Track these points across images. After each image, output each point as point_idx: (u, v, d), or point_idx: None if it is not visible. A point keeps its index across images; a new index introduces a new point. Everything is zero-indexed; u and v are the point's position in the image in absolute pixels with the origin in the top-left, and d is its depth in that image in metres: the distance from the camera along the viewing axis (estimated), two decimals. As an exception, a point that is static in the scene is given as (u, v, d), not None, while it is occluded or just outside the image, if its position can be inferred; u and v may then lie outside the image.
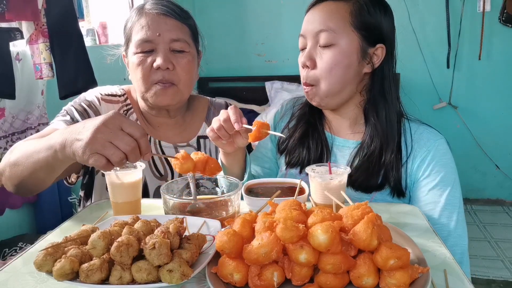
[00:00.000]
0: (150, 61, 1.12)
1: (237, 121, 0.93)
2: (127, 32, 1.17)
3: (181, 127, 1.29)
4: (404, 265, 0.61)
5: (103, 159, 0.76)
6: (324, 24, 1.02)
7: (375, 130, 1.07)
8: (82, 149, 0.76)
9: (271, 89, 3.50)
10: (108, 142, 0.76)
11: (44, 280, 0.70)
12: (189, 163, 0.87)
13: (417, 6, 3.33)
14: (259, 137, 0.94)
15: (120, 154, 0.76)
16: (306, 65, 1.05)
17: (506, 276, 2.39)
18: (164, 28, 1.12)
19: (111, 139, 0.76)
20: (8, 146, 1.91)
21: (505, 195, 3.51)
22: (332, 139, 1.15)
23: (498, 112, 3.37)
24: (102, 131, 0.76)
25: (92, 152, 0.76)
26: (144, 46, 1.12)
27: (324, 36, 1.02)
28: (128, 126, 0.78)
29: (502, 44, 3.26)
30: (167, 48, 1.12)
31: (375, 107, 1.08)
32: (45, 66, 1.84)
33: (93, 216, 0.98)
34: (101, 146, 0.76)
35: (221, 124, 0.95)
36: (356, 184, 1.06)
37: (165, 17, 1.13)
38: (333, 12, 1.03)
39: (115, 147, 0.76)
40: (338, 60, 1.02)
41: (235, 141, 0.99)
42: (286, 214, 0.66)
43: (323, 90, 1.05)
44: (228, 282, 0.64)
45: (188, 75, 1.16)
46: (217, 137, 0.97)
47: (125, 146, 0.76)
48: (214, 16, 3.66)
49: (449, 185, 1.04)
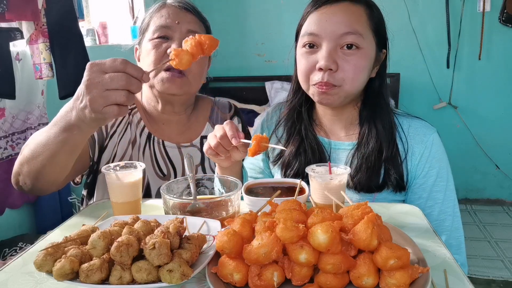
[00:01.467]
0: (164, 47, 1.13)
1: (234, 136, 0.91)
2: (145, 22, 1.20)
3: (185, 126, 1.28)
4: (404, 265, 0.61)
5: (113, 107, 0.76)
6: (351, 27, 0.98)
7: (374, 130, 1.07)
8: (92, 112, 0.77)
9: (271, 89, 3.51)
10: (105, 91, 0.75)
11: (44, 280, 0.70)
12: (186, 55, 0.82)
13: (417, 6, 3.33)
14: (258, 152, 0.92)
15: (122, 92, 0.76)
16: (330, 69, 1.00)
17: (506, 276, 2.39)
18: (183, 19, 1.15)
19: (105, 86, 0.75)
20: (8, 146, 1.91)
21: (505, 195, 3.51)
22: (328, 143, 1.15)
23: (498, 112, 3.38)
24: (93, 87, 0.75)
25: (101, 109, 0.76)
26: (161, 31, 1.13)
27: (352, 39, 0.98)
28: (107, 66, 0.76)
29: (502, 44, 3.26)
30: (182, 38, 1.11)
31: (373, 108, 1.09)
32: (45, 66, 1.84)
33: (93, 216, 0.98)
34: (102, 99, 0.75)
35: (218, 141, 0.93)
36: (359, 186, 1.06)
37: (186, 11, 1.17)
38: (355, 14, 1.00)
39: (113, 90, 0.75)
40: (364, 64, 1.01)
41: (232, 156, 0.97)
42: (286, 214, 0.66)
43: (346, 92, 1.02)
44: (228, 282, 0.64)
45: (199, 68, 1.17)
46: (215, 154, 0.96)
47: (120, 82, 0.75)
48: (214, 16, 3.65)
49: (446, 180, 1.06)
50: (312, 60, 1.02)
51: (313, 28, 1.02)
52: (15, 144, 1.95)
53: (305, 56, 1.04)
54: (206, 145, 0.96)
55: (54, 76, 1.89)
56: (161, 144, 1.23)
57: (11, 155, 1.93)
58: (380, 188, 1.06)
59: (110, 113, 0.77)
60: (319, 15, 1.02)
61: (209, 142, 0.95)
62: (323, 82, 1.00)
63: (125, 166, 0.93)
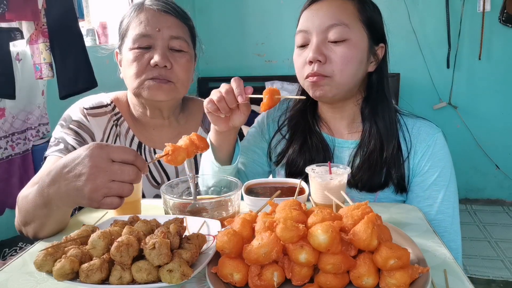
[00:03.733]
0: (147, 58, 1.07)
1: (241, 93, 0.88)
2: (123, 27, 1.13)
3: (176, 130, 1.24)
4: (404, 265, 0.61)
5: (115, 199, 0.70)
6: (335, 19, 0.99)
7: (375, 127, 1.07)
8: (88, 200, 0.70)
9: (271, 89, 3.51)
10: (111, 182, 0.69)
11: (44, 280, 0.70)
12: (182, 152, 0.82)
13: (417, 6, 3.33)
14: (272, 105, 0.91)
15: (129, 186, 0.71)
16: (318, 60, 0.99)
17: (506, 276, 2.39)
18: (164, 24, 1.08)
19: (112, 177, 0.69)
20: (8, 146, 1.91)
21: (505, 195, 3.51)
22: (332, 140, 1.14)
23: (498, 112, 3.37)
24: (98, 175, 0.69)
25: (100, 199, 0.70)
26: (142, 41, 1.07)
27: (337, 30, 0.99)
28: (117, 154, 0.70)
29: (502, 44, 3.26)
30: (165, 46, 1.09)
31: (374, 106, 1.08)
32: (45, 66, 1.84)
33: (93, 216, 0.98)
34: (106, 189, 0.69)
35: (223, 95, 0.89)
36: (360, 184, 1.06)
37: (166, 14, 1.10)
38: (342, 7, 1.01)
39: (119, 182, 0.70)
40: (352, 54, 1.00)
41: (232, 118, 0.94)
42: (286, 214, 0.66)
43: (337, 82, 1.01)
44: (228, 282, 0.64)
45: (187, 75, 1.13)
46: (216, 109, 0.91)
47: (129, 176, 0.70)
48: (214, 16, 3.66)
49: (447, 181, 1.04)
50: (304, 56, 1.03)
51: (303, 25, 1.04)
52: (15, 144, 1.94)
53: (298, 54, 1.06)
54: (207, 100, 0.93)
55: (54, 76, 1.89)
56: (152, 153, 1.20)
57: (11, 155, 1.93)
58: (382, 186, 1.06)
59: (108, 205, 0.70)
60: (308, 12, 1.04)
61: (211, 96, 0.92)
62: (313, 72, 1.01)
63: None
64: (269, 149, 1.21)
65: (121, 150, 0.71)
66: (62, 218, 0.87)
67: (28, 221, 0.86)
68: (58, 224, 0.87)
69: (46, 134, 2.10)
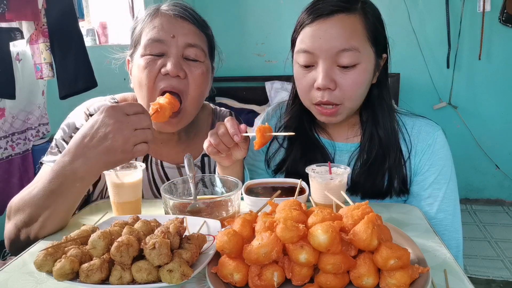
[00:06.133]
0: (158, 65, 1.00)
1: (236, 133, 0.91)
2: (136, 33, 1.06)
3: (184, 144, 1.19)
4: (404, 265, 0.61)
5: (143, 145, 0.80)
6: (346, 43, 0.93)
7: (376, 136, 1.05)
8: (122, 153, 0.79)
9: (271, 89, 3.50)
10: (135, 130, 0.79)
11: (44, 280, 0.70)
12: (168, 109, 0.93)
13: (417, 6, 3.33)
14: (264, 143, 0.92)
15: (150, 131, 0.81)
16: (328, 88, 0.96)
17: (506, 276, 2.39)
18: (180, 31, 1.01)
19: (134, 126, 0.79)
20: (8, 146, 1.91)
21: (505, 195, 3.51)
22: (332, 145, 1.12)
23: (498, 112, 3.37)
24: (123, 127, 0.78)
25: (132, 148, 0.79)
26: (154, 47, 1.00)
27: (348, 55, 0.94)
28: (129, 108, 0.80)
29: (502, 44, 3.26)
30: (180, 54, 1.01)
31: (374, 114, 1.07)
32: (45, 66, 1.84)
33: (93, 216, 0.98)
34: (134, 137, 0.79)
35: (219, 138, 0.92)
36: (363, 191, 1.05)
37: (182, 20, 1.03)
38: (351, 28, 0.95)
39: (141, 130, 0.80)
40: (362, 79, 0.97)
41: (233, 154, 0.96)
42: (286, 214, 0.66)
43: (348, 108, 1.00)
44: (228, 282, 0.64)
45: (200, 89, 1.04)
46: (216, 151, 0.95)
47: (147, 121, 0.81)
48: (214, 16, 3.66)
49: (448, 179, 1.04)
50: (310, 78, 0.99)
51: (308, 45, 0.97)
52: (15, 144, 1.95)
53: (302, 74, 1.01)
54: (207, 143, 0.95)
55: (55, 76, 1.89)
56: (159, 165, 1.16)
57: (11, 155, 1.93)
58: (383, 195, 1.05)
59: (140, 151, 0.80)
60: (313, 31, 0.96)
61: (209, 139, 0.94)
62: (323, 101, 0.98)
63: (125, 166, 0.93)
64: (267, 158, 1.19)
65: (130, 104, 0.81)
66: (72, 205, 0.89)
67: (33, 218, 0.86)
68: (66, 212, 0.89)
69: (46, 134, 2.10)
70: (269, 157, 1.18)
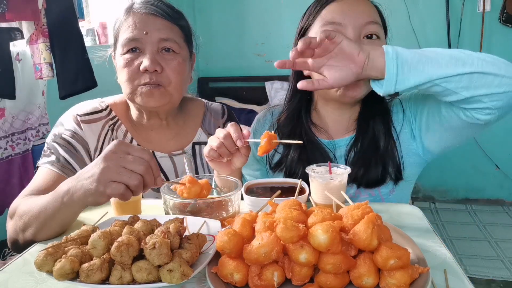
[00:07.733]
0: (137, 64, 1.06)
1: (240, 137, 0.89)
2: (115, 32, 1.12)
3: (173, 131, 1.23)
4: (404, 265, 0.61)
5: (121, 185, 0.73)
6: (372, 17, 1.03)
7: (371, 127, 1.08)
8: (96, 182, 0.74)
9: (271, 89, 3.51)
10: (122, 168, 0.74)
11: (44, 280, 0.70)
12: (197, 186, 0.85)
13: (417, 6, 3.33)
14: (269, 150, 0.91)
15: (138, 176, 0.74)
16: None
17: (506, 276, 2.39)
18: (152, 27, 1.06)
19: (124, 163, 0.74)
20: (8, 146, 1.91)
21: (505, 195, 3.50)
22: (332, 144, 1.13)
23: (498, 112, 3.37)
24: (112, 158, 0.74)
25: (108, 181, 0.73)
26: (130, 45, 1.06)
27: (374, 28, 1.02)
28: (135, 150, 0.77)
29: (502, 44, 3.26)
30: (155, 49, 1.07)
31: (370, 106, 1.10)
32: (45, 66, 1.84)
33: (93, 216, 0.98)
34: (116, 173, 0.73)
35: (222, 141, 0.91)
36: (358, 179, 1.06)
37: (154, 17, 1.08)
38: (372, 6, 1.06)
39: (130, 171, 0.74)
40: None
41: (233, 162, 0.95)
42: (286, 214, 0.66)
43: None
44: (228, 282, 0.64)
45: (179, 77, 1.10)
46: (218, 155, 0.93)
47: (140, 166, 0.74)
48: (214, 16, 3.66)
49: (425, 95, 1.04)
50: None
51: (335, 18, 1.02)
52: (15, 144, 1.94)
53: None
54: (207, 148, 0.94)
55: (55, 76, 1.89)
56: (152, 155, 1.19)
57: (11, 155, 1.93)
58: (379, 182, 1.07)
59: (113, 189, 0.73)
60: (340, 5, 1.04)
61: (210, 144, 0.93)
62: None
63: None
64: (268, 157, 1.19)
65: (139, 148, 0.79)
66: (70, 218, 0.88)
67: (30, 223, 0.86)
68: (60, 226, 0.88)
69: (46, 134, 2.09)
70: (269, 154, 1.19)
